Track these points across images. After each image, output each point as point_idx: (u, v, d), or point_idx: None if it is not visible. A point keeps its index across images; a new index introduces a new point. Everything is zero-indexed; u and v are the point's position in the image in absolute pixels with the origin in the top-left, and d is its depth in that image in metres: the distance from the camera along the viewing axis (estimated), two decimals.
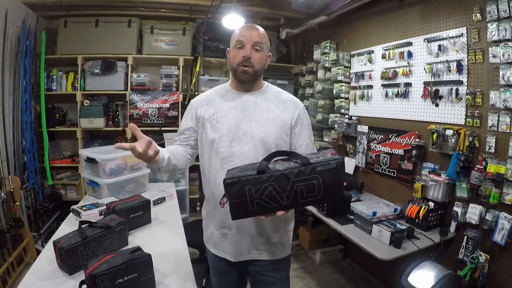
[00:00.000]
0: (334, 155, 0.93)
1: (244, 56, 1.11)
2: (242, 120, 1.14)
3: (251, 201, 0.90)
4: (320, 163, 0.90)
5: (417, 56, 2.10)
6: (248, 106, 1.16)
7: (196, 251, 2.34)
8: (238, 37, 1.13)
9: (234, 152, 1.12)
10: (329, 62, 2.93)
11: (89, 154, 2.00)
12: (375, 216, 1.89)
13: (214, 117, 1.17)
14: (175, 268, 1.23)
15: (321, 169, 0.89)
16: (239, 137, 1.12)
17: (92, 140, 3.23)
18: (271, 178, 0.89)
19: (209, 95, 1.25)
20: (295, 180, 0.89)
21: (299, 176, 0.89)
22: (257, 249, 1.18)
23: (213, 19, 3.23)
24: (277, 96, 1.21)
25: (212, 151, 1.15)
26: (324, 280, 2.51)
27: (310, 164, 0.90)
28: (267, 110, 1.16)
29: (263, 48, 1.14)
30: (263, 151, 1.10)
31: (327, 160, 0.90)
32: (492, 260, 1.65)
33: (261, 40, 1.13)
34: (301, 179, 0.89)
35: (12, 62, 2.62)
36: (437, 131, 1.91)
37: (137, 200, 1.62)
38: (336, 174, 0.90)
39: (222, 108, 1.18)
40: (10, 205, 2.27)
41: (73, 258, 1.14)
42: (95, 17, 3.14)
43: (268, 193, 0.89)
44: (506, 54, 1.54)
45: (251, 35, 1.12)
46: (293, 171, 0.89)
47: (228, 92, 1.22)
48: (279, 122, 1.15)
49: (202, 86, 3.42)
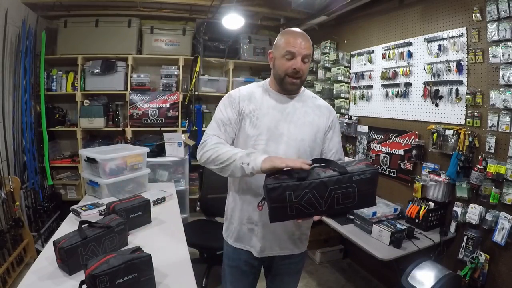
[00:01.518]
0: (369, 165, 0.97)
1: (295, 69, 1.10)
2: (280, 121, 1.16)
3: (290, 206, 0.93)
4: (357, 173, 0.94)
5: (417, 56, 2.10)
6: (286, 109, 1.18)
7: (196, 251, 2.34)
8: (289, 48, 1.10)
9: (269, 152, 1.12)
10: (329, 62, 2.93)
11: (89, 154, 2.00)
12: (375, 216, 1.89)
13: (254, 113, 1.17)
14: (175, 268, 1.23)
15: (357, 178, 0.93)
16: (275, 137, 1.14)
17: (92, 140, 3.23)
18: (311, 185, 0.92)
19: (249, 91, 1.23)
20: (333, 188, 0.93)
21: (337, 184, 0.93)
22: (280, 246, 1.22)
23: (213, 19, 3.23)
24: (313, 101, 1.24)
25: (247, 147, 1.15)
26: (324, 280, 2.51)
27: (347, 173, 0.94)
28: (305, 114, 1.19)
29: (310, 60, 1.15)
30: (297, 153, 1.14)
31: (363, 170, 0.95)
32: (492, 260, 1.65)
33: (310, 53, 1.13)
34: (339, 187, 0.93)
35: (12, 62, 2.62)
36: (437, 131, 1.91)
37: (137, 200, 1.61)
38: (371, 183, 0.95)
39: (262, 106, 1.18)
40: (10, 205, 2.26)
41: (73, 258, 1.14)
42: (95, 17, 3.15)
43: (307, 199, 0.92)
44: (506, 54, 1.54)
45: (302, 47, 1.10)
46: (332, 179, 0.93)
47: (268, 91, 1.22)
48: (315, 126, 1.19)
49: (202, 86, 3.42)
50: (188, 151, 3.22)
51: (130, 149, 2.25)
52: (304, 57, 1.11)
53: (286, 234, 1.21)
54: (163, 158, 3.00)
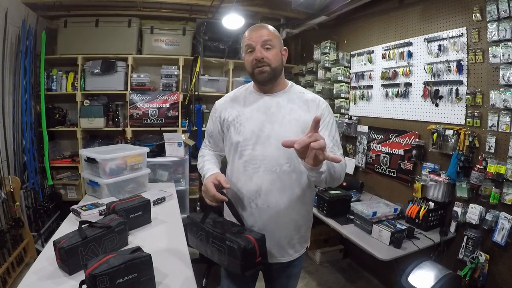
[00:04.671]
0: (249, 241, 1.01)
1: (256, 59, 1.09)
2: (265, 123, 1.13)
3: (192, 239, 1.21)
4: (229, 239, 1.03)
5: (417, 56, 2.10)
6: (271, 108, 1.15)
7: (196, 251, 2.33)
8: (246, 41, 1.12)
9: (257, 156, 1.12)
10: (329, 62, 2.93)
11: (89, 154, 2.00)
12: (375, 216, 1.89)
13: (238, 119, 1.17)
14: (175, 268, 1.23)
15: (229, 243, 1.03)
16: (262, 140, 1.12)
17: (92, 140, 3.23)
18: (204, 230, 1.12)
19: (232, 96, 1.24)
20: (213, 241, 1.08)
21: (215, 239, 1.07)
22: (280, 253, 1.19)
23: (213, 19, 3.23)
24: (300, 97, 1.18)
25: (236, 153, 1.17)
26: (324, 280, 2.51)
27: (223, 235, 1.05)
28: (290, 111, 1.14)
29: (274, 45, 1.11)
30: (286, 154, 1.09)
31: (234, 240, 1.02)
32: (492, 260, 1.65)
33: (269, 38, 1.10)
34: (216, 242, 1.07)
35: (12, 62, 2.62)
36: (437, 131, 1.91)
37: (137, 200, 1.61)
38: (235, 255, 1.01)
39: (246, 110, 1.17)
40: (10, 205, 2.27)
41: (73, 258, 1.14)
42: (95, 17, 3.14)
43: (200, 239, 1.14)
44: (506, 54, 1.54)
45: (259, 35, 1.10)
46: (213, 233, 1.08)
47: (251, 93, 1.21)
48: (302, 123, 1.12)
49: (202, 86, 3.42)
50: (188, 151, 3.22)
51: (130, 149, 2.25)
52: (264, 44, 1.09)
53: (285, 239, 1.18)
54: (163, 158, 3.00)
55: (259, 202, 1.13)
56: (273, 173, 1.12)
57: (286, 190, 1.13)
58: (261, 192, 1.12)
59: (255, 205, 1.13)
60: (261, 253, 1.04)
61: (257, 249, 1.02)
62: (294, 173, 1.13)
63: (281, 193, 1.13)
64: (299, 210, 1.17)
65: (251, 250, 1.00)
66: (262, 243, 1.04)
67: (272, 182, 1.12)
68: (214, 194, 1.06)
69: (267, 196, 1.12)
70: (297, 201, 1.15)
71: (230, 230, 1.07)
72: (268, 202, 1.12)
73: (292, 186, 1.13)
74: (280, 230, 1.16)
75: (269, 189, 1.12)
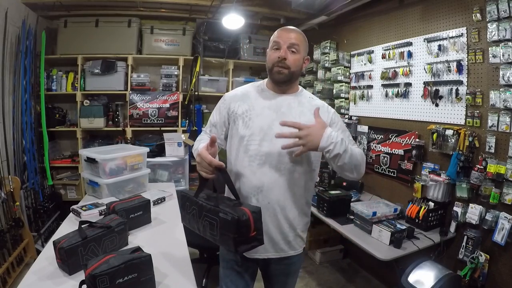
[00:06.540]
0: (243, 212, 0.97)
1: (279, 57, 1.12)
2: (274, 121, 1.14)
3: (184, 215, 1.14)
4: (223, 211, 0.98)
5: (417, 56, 2.10)
6: (281, 108, 1.17)
7: (196, 251, 2.34)
8: (275, 38, 1.15)
9: (262, 152, 1.13)
10: (329, 62, 2.93)
11: (89, 154, 2.00)
12: (375, 216, 1.89)
13: (247, 114, 1.18)
14: (175, 268, 1.23)
15: (222, 216, 0.98)
16: (269, 137, 1.14)
17: (92, 140, 3.23)
18: (197, 203, 1.06)
19: (244, 91, 1.26)
20: (206, 214, 1.02)
21: (208, 212, 1.02)
22: (274, 248, 1.20)
23: (213, 19, 3.23)
24: (310, 101, 1.22)
25: (240, 147, 1.17)
26: (324, 280, 2.51)
27: (217, 207, 1.00)
28: (300, 114, 1.17)
29: (299, 51, 1.14)
30: (291, 153, 1.11)
31: (228, 211, 0.97)
32: (492, 260, 1.65)
33: (297, 42, 1.13)
34: (208, 216, 1.02)
35: (12, 62, 2.62)
36: (437, 131, 1.91)
37: (137, 200, 1.61)
38: (230, 227, 0.96)
39: (257, 106, 1.19)
40: (10, 205, 2.26)
41: (73, 258, 1.14)
42: (95, 17, 3.14)
43: (192, 214, 1.08)
44: (506, 54, 1.55)
45: (288, 37, 1.13)
46: (207, 206, 1.03)
47: (264, 91, 1.23)
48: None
49: (202, 86, 3.42)
50: (188, 151, 3.21)
51: (130, 149, 2.25)
52: (290, 46, 1.12)
53: (280, 235, 1.19)
54: (163, 158, 3.00)
55: (260, 197, 1.14)
56: (278, 171, 1.14)
57: (287, 189, 1.15)
58: (263, 188, 1.14)
59: (256, 200, 1.14)
60: (256, 227, 0.99)
61: (252, 222, 0.97)
62: (296, 172, 1.16)
63: (283, 191, 1.15)
64: (297, 209, 1.19)
65: (245, 223, 0.95)
66: (257, 216, 1.00)
67: (276, 179, 1.14)
68: (210, 160, 1.01)
69: (268, 192, 1.14)
70: (296, 201, 1.18)
71: (225, 203, 1.04)
72: (269, 198, 1.14)
73: (293, 185, 1.16)
74: (276, 227, 1.17)
75: (272, 186, 1.14)
